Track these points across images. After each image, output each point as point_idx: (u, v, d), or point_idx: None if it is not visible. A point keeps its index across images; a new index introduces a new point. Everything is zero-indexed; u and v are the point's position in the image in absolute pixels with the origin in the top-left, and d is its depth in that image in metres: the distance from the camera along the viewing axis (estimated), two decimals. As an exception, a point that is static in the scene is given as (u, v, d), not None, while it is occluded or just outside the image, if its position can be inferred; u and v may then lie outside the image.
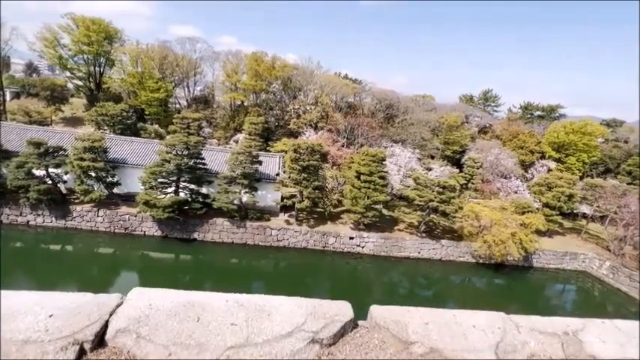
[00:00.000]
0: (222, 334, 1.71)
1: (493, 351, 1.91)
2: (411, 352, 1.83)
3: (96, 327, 1.63)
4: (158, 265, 26.95)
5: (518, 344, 2.00)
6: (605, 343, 2.16)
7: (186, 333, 1.69)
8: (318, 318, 1.91)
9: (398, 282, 28.83)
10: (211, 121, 48.01)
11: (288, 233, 28.87)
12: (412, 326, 1.97)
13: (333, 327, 1.87)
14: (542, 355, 1.99)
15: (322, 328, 1.85)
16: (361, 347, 1.85)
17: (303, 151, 28.24)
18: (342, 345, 1.84)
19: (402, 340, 1.88)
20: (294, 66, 51.94)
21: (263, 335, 1.74)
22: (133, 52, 47.34)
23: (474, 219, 29.65)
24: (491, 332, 2.05)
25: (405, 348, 1.85)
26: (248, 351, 1.65)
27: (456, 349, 1.88)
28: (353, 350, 1.82)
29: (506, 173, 41.49)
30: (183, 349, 1.60)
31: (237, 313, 1.86)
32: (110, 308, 1.76)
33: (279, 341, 1.72)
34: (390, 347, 1.86)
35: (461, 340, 1.94)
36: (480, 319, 2.15)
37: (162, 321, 1.74)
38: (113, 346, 1.62)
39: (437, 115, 50.87)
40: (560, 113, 59.84)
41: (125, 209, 28.03)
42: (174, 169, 26.61)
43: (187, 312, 1.82)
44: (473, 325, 2.08)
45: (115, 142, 30.83)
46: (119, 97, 48.69)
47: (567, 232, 35.28)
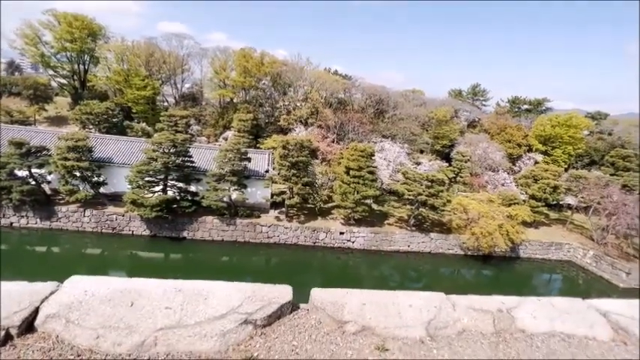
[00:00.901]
0: (153, 318, 1.76)
1: (424, 327, 1.99)
2: (344, 330, 1.90)
3: (24, 313, 1.66)
4: (147, 265, 26.72)
5: (451, 321, 2.09)
6: (536, 319, 2.28)
7: (118, 317, 1.73)
8: (255, 301, 1.97)
9: (388, 275, 29.16)
10: (200, 119, 47.51)
11: (278, 230, 28.89)
12: (349, 307, 2.05)
13: (268, 309, 1.93)
14: (473, 329, 2.08)
15: (257, 310, 1.91)
16: (296, 327, 1.91)
17: (291, 148, 28.20)
18: (278, 326, 1.91)
19: (337, 319, 1.96)
20: (283, 62, 51.64)
21: (196, 317, 1.79)
22: (118, 49, 46.40)
23: (463, 212, 30.12)
24: (427, 311, 2.14)
25: (339, 327, 1.92)
26: (177, 332, 1.70)
27: (388, 326, 1.96)
28: (287, 330, 1.89)
29: (494, 166, 42.14)
30: (111, 332, 1.65)
31: (175, 297, 1.91)
32: (42, 295, 1.79)
33: (211, 323, 1.78)
34: (325, 327, 1.93)
35: (395, 319, 2.02)
36: (419, 299, 2.24)
37: (95, 306, 1.78)
38: (42, 332, 1.66)
39: (426, 110, 51.25)
40: (547, 107, 60.88)
41: (112, 209, 27.66)
42: (162, 167, 26.32)
43: (123, 297, 1.86)
44: (410, 304, 2.17)
45: (100, 141, 30.31)
46: (105, 96, 47.76)
47: (553, 222, 36.09)
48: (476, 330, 2.08)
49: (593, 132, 53.68)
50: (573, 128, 46.15)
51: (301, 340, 1.78)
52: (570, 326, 2.28)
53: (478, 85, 65.30)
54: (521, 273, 31.12)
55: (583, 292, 29.08)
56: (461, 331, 2.05)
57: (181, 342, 1.65)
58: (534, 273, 31.35)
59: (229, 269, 26.86)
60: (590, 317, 2.39)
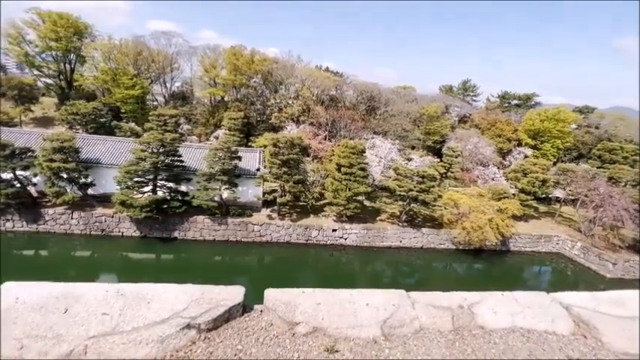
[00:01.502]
0: (87, 325, 1.67)
1: (379, 326, 1.94)
2: (295, 332, 1.83)
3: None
4: (138, 266, 26.41)
5: (408, 319, 2.04)
6: (496, 314, 2.24)
7: (47, 325, 1.63)
8: (202, 304, 1.89)
9: (381, 271, 29.28)
10: (190, 118, 46.94)
11: (270, 228, 28.77)
12: (302, 307, 1.98)
13: (215, 312, 1.85)
14: (431, 327, 2.04)
15: (202, 313, 1.83)
16: (245, 330, 1.84)
17: (282, 145, 28.03)
18: (225, 329, 1.83)
19: (288, 321, 1.89)
20: (273, 60, 51.25)
21: (134, 323, 1.70)
22: (105, 48, 45.49)
23: (453, 207, 30.34)
24: (384, 309, 2.09)
25: (290, 328, 1.85)
26: (111, 339, 1.61)
27: (341, 326, 1.90)
28: (234, 334, 1.81)
29: (484, 161, 42.52)
30: (37, 342, 1.55)
31: (115, 302, 1.82)
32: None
33: (149, 328, 1.69)
34: (276, 329, 1.86)
35: (349, 318, 1.96)
36: (377, 298, 2.18)
37: (24, 314, 1.67)
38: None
39: (418, 106, 51.41)
40: (536, 101, 61.56)
41: (101, 210, 27.22)
42: (151, 167, 25.96)
43: (57, 304, 1.76)
44: (367, 303, 2.11)
45: (87, 141, 29.74)
46: (93, 95, 46.87)
47: (542, 215, 36.60)
48: (434, 328, 2.03)
49: (580, 126, 54.47)
50: (561, 122, 46.77)
51: (247, 344, 1.71)
52: (531, 321, 2.25)
53: (468, 80, 65.72)
54: (512, 266, 31.52)
55: (572, 284, 29.59)
56: (418, 329, 2.00)
57: (114, 350, 1.56)
58: (524, 265, 31.79)
59: (221, 269, 26.68)
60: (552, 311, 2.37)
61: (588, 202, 31.34)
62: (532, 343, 2.09)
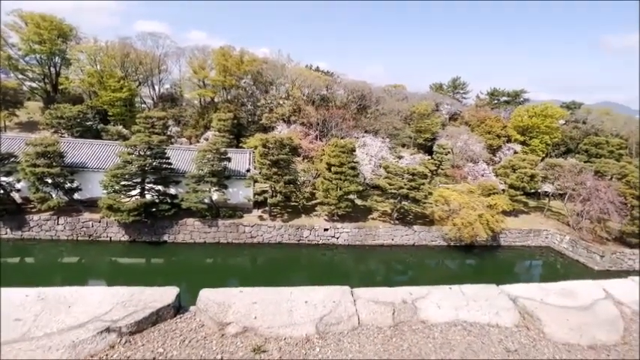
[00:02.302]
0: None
1: (315, 324, 1.89)
2: (224, 333, 1.78)
3: None
4: (128, 271, 26.01)
5: (346, 316, 2.00)
6: (440, 308, 2.21)
7: (-50, 333, 1.54)
8: (128, 306, 1.82)
9: (374, 270, 29.31)
10: (180, 120, 46.48)
11: (261, 229, 28.62)
12: (236, 307, 1.92)
13: (140, 314, 1.78)
14: (370, 324, 2.00)
15: (126, 316, 1.76)
16: (172, 332, 1.77)
17: (272, 146, 27.91)
18: (150, 332, 1.77)
19: (218, 321, 1.83)
20: (263, 60, 51.04)
21: (48, 328, 1.63)
22: (90, 50, 44.77)
23: (444, 203, 30.53)
24: (323, 306, 2.04)
25: (220, 329, 1.80)
26: (18, 346, 1.53)
27: (273, 325, 1.85)
28: (159, 336, 1.75)
29: (475, 158, 42.91)
30: None
31: (32, 307, 1.74)
32: None
33: (63, 333, 1.62)
34: (206, 330, 1.80)
35: (283, 317, 1.91)
36: (318, 295, 2.14)
37: None
38: None
39: (408, 105, 51.68)
40: (525, 98, 62.33)
41: (88, 215, 26.79)
42: (138, 170, 25.62)
43: (-33, 311, 1.67)
44: (306, 300, 2.06)
45: (72, 145, 29.23)
46: (80, 99, 46.06)
47: (532, 210, 37.07)
48: (373, 324, 1.99)
49: (568, 121, 55.33)
50: (549, 118, 47.43)
51: (170, 346, 1.65)
52: (475, 314, 2.23)
53: (458, 78, 66.29)
54: (503, 260, 31.85)
55: (562, 277, 30.00)
56: (356, 326, 1.96)
57: (19, 357, 1.48)
58: (515, 260, 32.16)
59: (213, 271, 26.46)
60: (498, 303, 2.35)
61: (576, 195, 31.83)
62: (472, 336, 2.06)
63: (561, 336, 2.16)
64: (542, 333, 2.19)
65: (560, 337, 2.16)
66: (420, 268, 29.99)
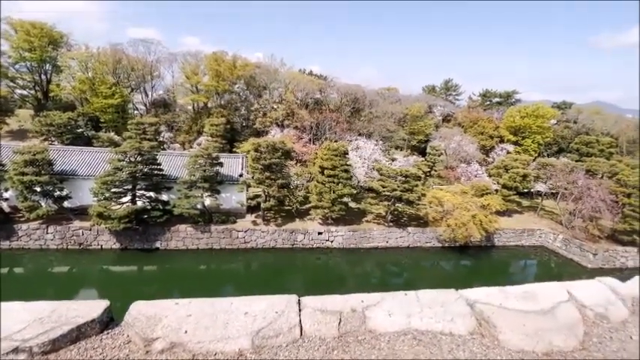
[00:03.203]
0: None
1: (250, 338, 1.78)
2: (150, 349, 1.66)
3: None
4: (120, 279, 25.60)
5: (287, 327, 1.89)
6: (391, 316, 2.10)
7: None
8: (45, 323, 1.69)
9: (370, 272, 29.13)
10: (173, 126, 46.23)
11: (255, 234, 28.39)
12: (167, 321, 1.80)
13: (57, 331, 1.66)
14: (313, 335, 1.89)
15: (40, 334, 1.63)
16: (93, 350, 1.65)
17: (264, 150, 27.79)
18: (67, 351, 1.64)
19: (145, 337, 1.71)
20: (256, 64, 51.07)
21: (-52, 351, 1.49)
22: (81, 57, 44.51)
23: (438, 205, 30.54)
24: (263, 318, 1.93)
25: (146, 346, 1.68)
26: None
27: (205, 340, 1.73)
28: (77, 355, 1.62)
29: (468, 159, 43.06)
30: None
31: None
32: None
33: (-35, 355, 1.48)
34: (132, 346, 1.68)
35: (217, 330, 1.79)
36: (260, 305, 2.02)
37: None
38: None
39: (402, 107, 51.88)
40: (517, 98, 62.91)
41: (78, 223, 26.41)
42: (128, 177, 25.34)
43: None
44: (246, 312, 1.95)
45: (62, 153, 28.89)
46: (72, 106, 45.68)
47: (525, 210, 37.20)
48: (316, 335, 1.88)
49: (560, 121, 55.86)
50: (541, 118, 47.84)
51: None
52: (429, 322, 2.12)
53: (450, 80, 66.78)
54: (498, 260, 31.86)
55: (556, 275, 30.03)
56: (297, 338, 1.85)
57: None
58: (509, 260, 32.17)
59: (206, 277, 26.13)
60: (454, 309, 2.25)
61: (568, 194, 32.01)
62: (422, 346, 1.95)
63: (516, 343, 2.06)
64: (496, 340, 2.08)
65: (515, 343, 2.06)
66: (415, 269, 29.86)
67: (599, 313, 2.45)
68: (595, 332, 2.28)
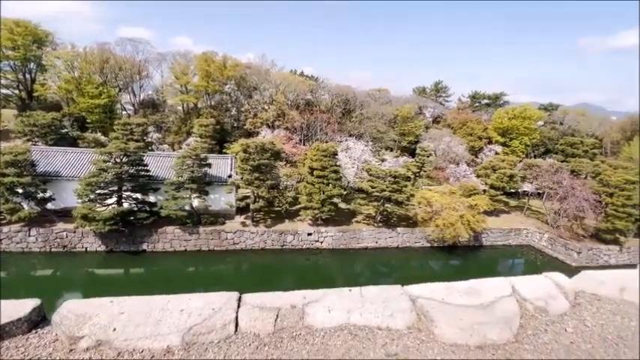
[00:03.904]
0: None
1: (181, 335, 1.77)
2: (75, 348, 1.64)
3: None
4: (106, 282, 25.15)
5: (221, 324, 1.89)
6: (330, 312, 2.12)
7: None
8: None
9: (359, 272, 29.21)
10: (162, 126, 45.69)
11: (244, 235, 28.22)
12: (98, 319, 1.79)
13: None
14: (248, 331, 1.89)
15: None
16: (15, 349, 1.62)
17: (252, 151, 27.66)
18: (-13, 350, 1.61)
19: (71, 335, 1.69)
20: (246, 65, 50.92)
21: None
22: (67, 56, 43.70)
23: (427, 205, 30.81)
24: (198, 315, 1.92)
25: (72, 344, 1.66)
26: None
27: (132, 337, 1.72)
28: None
29: (457, 159, 43.59)
30: None
31: None
32: None
33: None
34: (57, 345, 1.66)
35: (148, 328, 1.78)
36: (198, 302, 2.02)
37: None
38: None
39: (392, 108, 52.27)
40: (505, 100, 63.99)
41: (62, 225, 25.87)
42: (114, 178, 24.94)
43: None
44: (182, 309, 1.94)
45: (45, 153, 28.30)
46: (58, 106, 44.81)
47: (513, 210, 37.82)
48: (251, 332, 1.89)
49: (546, 122, 57.00)
50: (527, 120, 48.76)
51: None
52: (368, 317, 2.14)
53: (440, 82, 67.59)
54: (486, 260, 32.27)
55: (541, 274, 30.60)
56: (230, 334, 1.85)
57: None
58: (497, 259, 32.64)
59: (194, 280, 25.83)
60: (396, 305, 2.28)
61: (553, 194, 32.65)
62: (356, 341, 1.97)
63: (450, 336, 2.10)
64: (432, 334, 2.12)
65: (450, 337, 2.09)
66: (405, 269, 30.05)
67: (539, 306, 2.50)
68: (531, 325, 2.33)
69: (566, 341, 2.15)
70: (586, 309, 2.55)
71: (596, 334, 2.24)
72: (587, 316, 2.46)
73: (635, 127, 52.18)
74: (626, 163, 34.68)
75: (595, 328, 2.31)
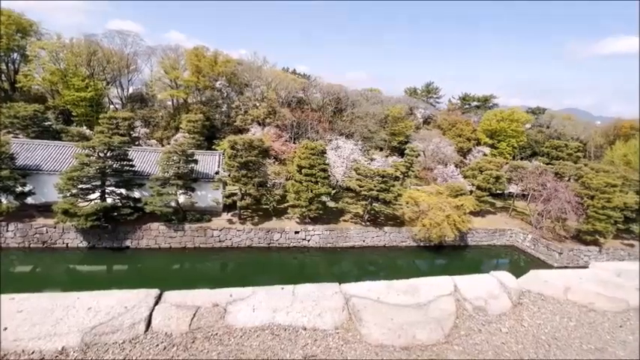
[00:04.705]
0: None
1: (81, 334, 1.65)
2: (-44, 348, 1.51)
3: None
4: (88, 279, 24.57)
5: (129, 323, 1.77)
6: (255, 311, 2.03)
7: None
8: None
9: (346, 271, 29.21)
10: (150, 121, 44.88)
11: (230, 233, 27.93)
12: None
13: None
14: (160, 330, 1.79)
15: None
16: None
17: (240, 147, 27.37)
18: None
19: (-46, 335, 1.55)
20: (238, 61, 50.36)
21: None
22: (52, 47, 42.49)
23: (414, 204, 31.01)
24: (106, 313, 1.81)
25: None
26: None
27: (25, 337, 1.60)
28: None
29: (446, 160, 43.99)
30: None
31: None
32: None
33: None
34: None
35: (44, 327, 1.66)
36: (111, 300, 1.90)
37: None
38: None
39: (383, 108, 52.42)
40: (494, 103, 64.86)
41: (42, 221, 25.17)
42: (97, 172, 24.35)
43: None
44: (90, 307, 1.82)
45: (26, 146, 27.49)
46: (42, 98, 43.57)
47: (498, 210, 38.36)
48: (163, 331, 1.78)
49: (534, 125, 57.99)
50: (515, 122, 49.49)
51: None
52: (295, 316, 2.06)
53: (431, 83, 68.12)
54: (471, 260, 32.67)
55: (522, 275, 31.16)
56: (139, 334, 1.74)
57: None
58: (481, 259, 33.07)
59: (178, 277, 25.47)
60: (328, 304, 2.20)
61: (538, 196, 33.21)
62: (275, 341, 1.88)
63: (377, 337, 2.02)
64: (359, 335, 2.05)
65: (376, 338, 2.02)
66: (391, 268, 30.18)
67: (478, 306, 2.46)
68: (466, 325, 2.28)
69: (498, 342, 2.10)
70: (527, 309, 2.52)
71: (530, 335, 2.20)
72: (526, 316, 2.43)
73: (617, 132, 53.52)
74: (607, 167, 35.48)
75: (531, 328, 2.27)
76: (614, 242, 31.21)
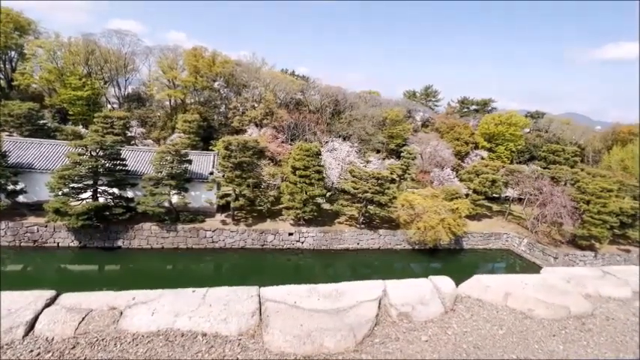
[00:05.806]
0: None
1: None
2: None
3: None
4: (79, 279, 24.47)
5: (5, 328, 1.67)
6: (154, 315, 1.91)
7: None
8: None
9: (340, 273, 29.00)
10: (147, 121, 44.87)
11: (223, 234, 27.81)
12: None
13: None
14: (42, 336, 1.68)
15: None
16: None
17: (234, 148, 27.30)
18: None
19: None
20: (236, 62, 50.39)
21: None
22: (49, 46, 42.59)
23: (409, 207, 30.84)
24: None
25: None
26: None
27: None
28: None
29: (443, 163, 43.85)
30: None
31: None
32: None
33: None
34: None
35: None
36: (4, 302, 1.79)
37: None
38: None
39: (381, 111, 52.36)
40: (493, 106, 64.77)
41: (33, 219, 25.11)
42: (89, 172, 24.28)
43: None
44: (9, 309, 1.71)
45: (19, 145, 27.47)
46: (40, 96, 43.61)
47: (495, 214, 38.16)
48: (45, 336, 1.66)
49: (532, 130, 57.85)
50: (513, 126, 49.37)
51: None
52: (198, 321, 1.93)
53: (430, 86, 68.07)
54: (466, 263, 32.44)
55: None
56: (14, 340, 1.62)
57: None
58: (477, 262, 32.84)
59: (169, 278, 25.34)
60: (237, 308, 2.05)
61: (534, 200, 33.05)
62: (167, 348, 1.76)
63: (280, 344, 1.91)
64: (261, 342, 1.93)
65: (279, 345, 1.91)
66: (385, 271, 29.97)
67: (403, 312, 2.33)
68: (384, 333, 2.16)
69: (413, 351, 1.98)
70: (459, 316, 2.40)
71: (451, 343, 2.08)
72: (454, 323, 2.31)
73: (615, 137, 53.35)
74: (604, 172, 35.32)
75: (455, 336, 2.15)
76: (610, 247, 31.00)
